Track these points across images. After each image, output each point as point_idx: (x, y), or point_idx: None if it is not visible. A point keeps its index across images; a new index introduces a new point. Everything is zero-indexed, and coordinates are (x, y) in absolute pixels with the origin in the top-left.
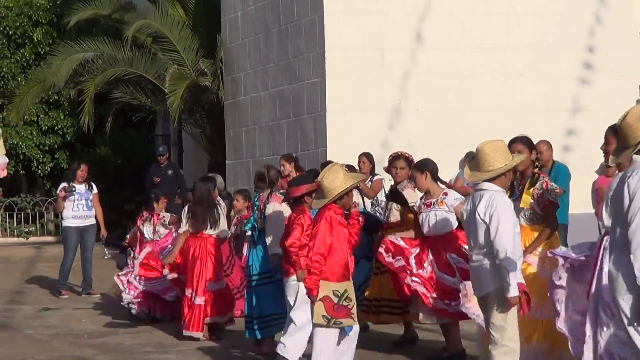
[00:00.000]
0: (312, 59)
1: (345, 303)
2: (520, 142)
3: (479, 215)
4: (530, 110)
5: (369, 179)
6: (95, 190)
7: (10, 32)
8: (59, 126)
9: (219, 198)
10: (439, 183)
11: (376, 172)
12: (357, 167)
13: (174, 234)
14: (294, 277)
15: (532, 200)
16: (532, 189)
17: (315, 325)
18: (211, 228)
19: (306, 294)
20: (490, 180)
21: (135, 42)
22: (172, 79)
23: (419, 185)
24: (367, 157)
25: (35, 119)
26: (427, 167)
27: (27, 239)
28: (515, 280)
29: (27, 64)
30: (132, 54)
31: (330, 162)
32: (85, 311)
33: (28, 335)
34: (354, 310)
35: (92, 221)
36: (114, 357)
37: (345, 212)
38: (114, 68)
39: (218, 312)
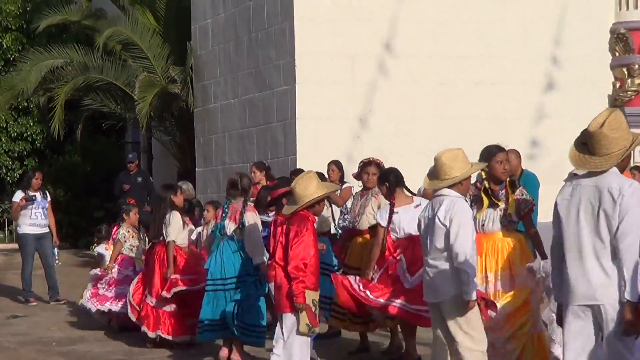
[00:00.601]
0: (282, 66)
1: (317, 312)
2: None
3: (439, 219)
4: (500, 119)
5: (338, 188)
6: (49, 199)
7: None
8: (28, 133)
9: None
10: (404, 190)
11: (345, 180)
12: (326, 175)
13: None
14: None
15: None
16: (514, 194)
17: (298, 335)
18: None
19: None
20: (449, 187)
21: (106, 49)
22: (142, 86)
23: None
24: (336, 165)
25: (4, 126)
26: (387, 178)
27: None
28: (474, 284)
29: None
30: (102, 61)
31: (300, 170)
32: (53, 319)
33: None
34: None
35: (48, 229)
36: None
37: None
38: (84, 75)
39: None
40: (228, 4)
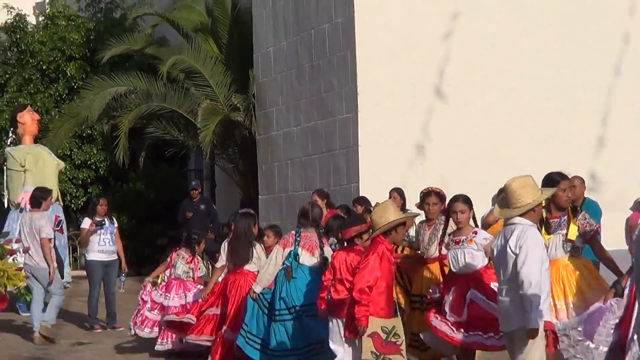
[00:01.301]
0: (344, 94)
1: (394, 339)
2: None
3: (510, 248)
4: (562, 145)
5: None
6: (116, 225)
7: (44, 67)
8: (92, 160)
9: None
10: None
11: (407, 207)
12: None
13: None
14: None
15: (577, 232)
16: (576, 219)
17: None
18: (251, 264)
19: (356, 324)
20: (521, 215)
21: (168, 77)
22: (205, 114)
23: (462, 220)
24: (398, 192)
25: (68, 153)
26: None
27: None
28: (536, 314)
29: (60, 99)
30: (166, 89)
31: (363, 197)
32: (117, 345)
33: None
34: (403, 347)
35: (115, 256)
36: None
37: None
38: (147, 103)
39: None
40: (290, 31)
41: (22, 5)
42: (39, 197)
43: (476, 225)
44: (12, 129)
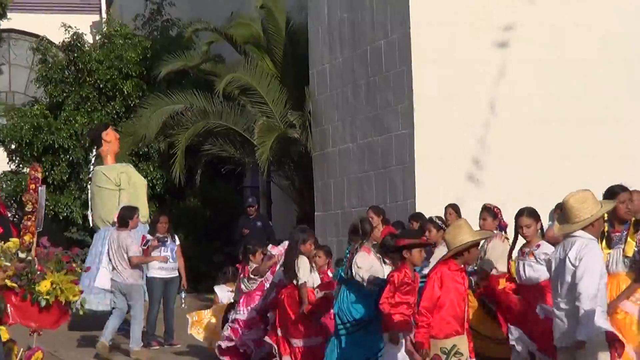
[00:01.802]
0: (400, 110)
1: (454, 358)
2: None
3: (570, 261)
4: (620, 158)
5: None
6: (178, 242)
7: (101, 85)
8: (149, 178)
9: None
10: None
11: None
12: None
13: (266, 285)
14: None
15: (635, 248)
16: (636, 234)
17: None
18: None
19: (416, 347)
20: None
21: (225, 94)
22: (261, 131)
23: (529, 234)
24: (453, 208)
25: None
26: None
27: None
28: (588, 327)
29: (117, 117)
30: (222, 107)
31: (419, 213)
32: None
33: None
34: None
35: (176, 273)
36: None
37: None
38: (204, 120)
39: None
40: (345, 48)
41: (80, 24)
42: (126, 217)
43: (542, 237)
44: (95, 147)
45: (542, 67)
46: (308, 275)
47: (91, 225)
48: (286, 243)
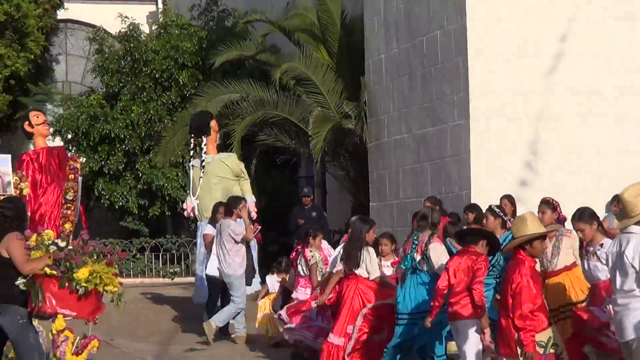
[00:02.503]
0: (456, 101)
1: (552, 350)
2: None
3: (627, 257)
4: None
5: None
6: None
7: (157, 75)
8: None
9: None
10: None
11: (517, 214)
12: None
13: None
14: (464, 321)
15: None
16: None
17: None
18: (361, 269)
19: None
20: (636, 223)
21: (280, 85)
22: (316, 122)
23: (586, 236)
24: (508, 199)
25: (180, 161)
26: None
27: (172, 279)
28: None
29: (173, 107)
30: (277, 97)
31: (474, 205)
32: (230, 352)
33: None
34: (564, 354)
35: None
36: None
37: None
38: (259, 110)
39: None
40: (401, 39)
41: (136, 14)
42: (232, 206)
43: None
44: (198, 136)
45: (599, 61)
46: (377, 269)
47: (192, 215)
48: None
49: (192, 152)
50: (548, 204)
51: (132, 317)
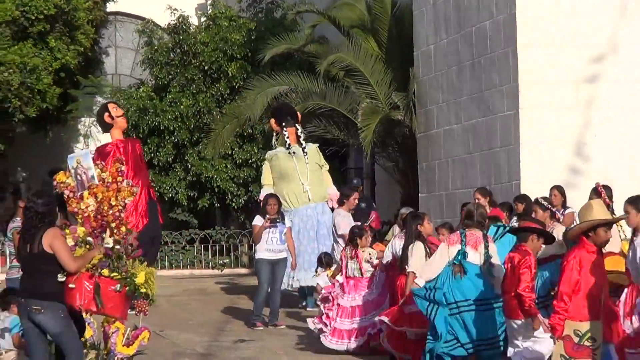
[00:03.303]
0: (505, 91)
1: (587, 343)
2: None
3: None
4: None
5: (561, 212)
6: (288, 224)
7: (206, 67)
8: (253, 159)
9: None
10: None
11: (567, 205)
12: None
13: (377, 272)
14: (519, 320)
15: None
16: None
17: None
18: (411, 264)
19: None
20: None
21: (328, 76)
22: (365, 113)
23: (629, 221)
24: (558, 190)
25: (230, 153)
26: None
27: (221, 270)
28: None
29: (222, 98)
30: (326, 88)
31: (524, 195)
32: (279, 343)
33: None
34: (598, 352)
35: (284, 255)
36: None
37: None
38: (308, 102)
39: None
40: (450, 29)
41: (185, 6)
42: (344, 196)
43: None
44: (288, 125)
45: None
46: (418, 264)
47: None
48: None
49: (274, 141)
50: (594, 191)
51: (182, 308)
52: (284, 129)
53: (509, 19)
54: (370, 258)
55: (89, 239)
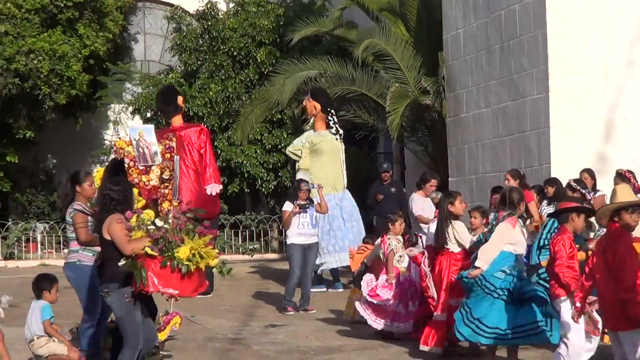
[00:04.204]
0: (535, 75)
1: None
2: None
3: None
4: None
5: (591, 195)
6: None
7: (234, 53)
8: (282, 145)
9: None
10: None
11: (598, 188)
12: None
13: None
14: (562, 298)
15: None
16: None
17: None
18: (450, 244)
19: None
20: None
21: (357, 60)
22: (394, 97)
23: None
24: (588, 173)
25: (259, 138)
26: None
27: (251, 256)
28: None
29: (250, 84)
30: (355, 72)
31: (554, 178)
32: (310, 328)
33: (255, 352)
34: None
35: (316, 239)
36: None
37: None
38: (337, 86)
39: None
40: (480, 13)
41: None
42: (422, 181)
43: None
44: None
45: None
46: (468, 236)
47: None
48: None
49: (308, 125)
50: (620, 176)
51: (213, 293)
52: (332, 114)
53: (538, 2)
54: (387, 248)
55: (148, 221)
